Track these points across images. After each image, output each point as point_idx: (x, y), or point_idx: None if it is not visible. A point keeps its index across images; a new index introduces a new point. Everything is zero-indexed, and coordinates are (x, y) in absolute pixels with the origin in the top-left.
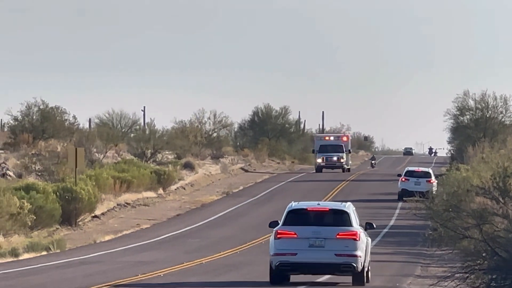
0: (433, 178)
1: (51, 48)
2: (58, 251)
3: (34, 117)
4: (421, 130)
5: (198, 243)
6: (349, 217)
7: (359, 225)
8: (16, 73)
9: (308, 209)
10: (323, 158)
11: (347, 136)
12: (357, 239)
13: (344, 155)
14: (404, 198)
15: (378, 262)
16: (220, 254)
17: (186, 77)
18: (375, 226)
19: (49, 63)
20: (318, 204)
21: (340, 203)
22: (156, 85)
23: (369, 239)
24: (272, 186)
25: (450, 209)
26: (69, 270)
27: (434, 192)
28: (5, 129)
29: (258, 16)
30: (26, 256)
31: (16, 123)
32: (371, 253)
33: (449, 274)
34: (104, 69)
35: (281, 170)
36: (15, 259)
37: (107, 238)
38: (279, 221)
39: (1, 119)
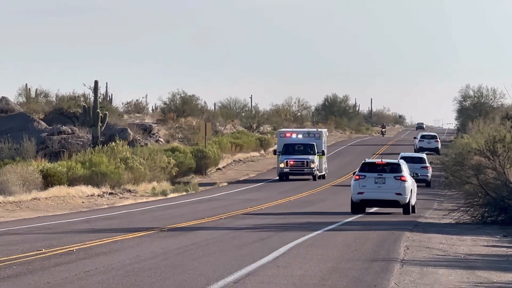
0: (439, 139)
1: (188, 49)
2: (193, 192)
3: (177, 101)
4: (438, 110)
5: (287, 187)
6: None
7: None
8: (165, 70)
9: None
10: (286, 162)
11: (319, 132)
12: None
13: (316, 158)
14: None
15: None
16: (303, 194)
17: (281, 74)
18: None
19: (187, 62)
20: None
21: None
22: (260, 79)
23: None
24: (337, 148)
25: (457, 164)
26: (201, 205)
27: (439, 148)
28: (158, 110)
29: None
30: (171, 195)
31: (165, 105)
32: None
33: (456, 208)
34: (226, 66)
35: (343, 138)
36: (164, 197)
37: (226, 183)
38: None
39: (155, 103)
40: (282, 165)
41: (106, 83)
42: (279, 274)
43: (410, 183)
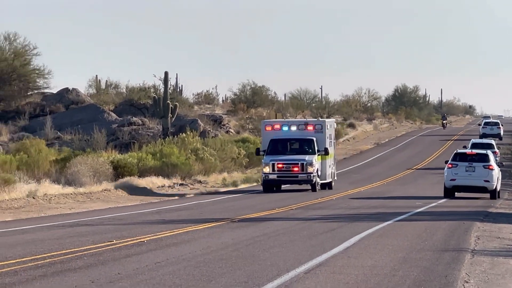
0: (501, 125)
1: (258, 40)
2: None
3: (247, 92)
4: (508, 100)
5: (358, 177)
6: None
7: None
8: (235, 60)
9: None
10: (273, 165)
11: (321, 123)
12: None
13: (316, 158)
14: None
15: None
16: (372, 184)
17: (351, 64)
18: None
19: (257, 52)
20: None
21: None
22: (330, 70)
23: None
24: (407, 139)
25: None
26: (271, 196)
27: (501, 134)
28: (228, 101)
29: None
30: (242, 186)
31: (235, 96)
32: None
33: None
34: (296, 56)
35: (413, 128)
36: (235, 188)
37: None
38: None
39: (225, 94)
40: (267, 170)
41: (176, 74)
42: (350, 264)
43: (497, 171)
